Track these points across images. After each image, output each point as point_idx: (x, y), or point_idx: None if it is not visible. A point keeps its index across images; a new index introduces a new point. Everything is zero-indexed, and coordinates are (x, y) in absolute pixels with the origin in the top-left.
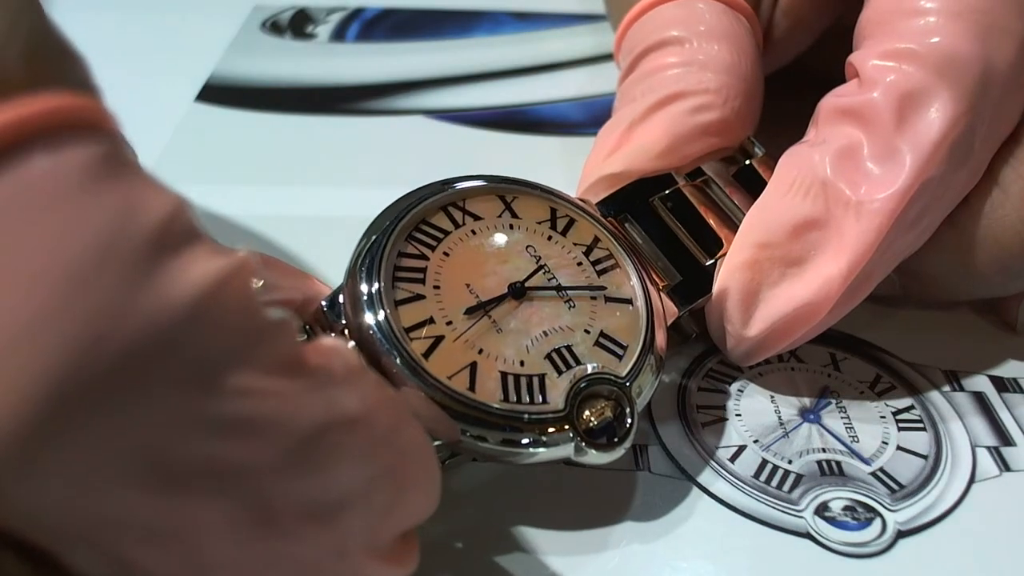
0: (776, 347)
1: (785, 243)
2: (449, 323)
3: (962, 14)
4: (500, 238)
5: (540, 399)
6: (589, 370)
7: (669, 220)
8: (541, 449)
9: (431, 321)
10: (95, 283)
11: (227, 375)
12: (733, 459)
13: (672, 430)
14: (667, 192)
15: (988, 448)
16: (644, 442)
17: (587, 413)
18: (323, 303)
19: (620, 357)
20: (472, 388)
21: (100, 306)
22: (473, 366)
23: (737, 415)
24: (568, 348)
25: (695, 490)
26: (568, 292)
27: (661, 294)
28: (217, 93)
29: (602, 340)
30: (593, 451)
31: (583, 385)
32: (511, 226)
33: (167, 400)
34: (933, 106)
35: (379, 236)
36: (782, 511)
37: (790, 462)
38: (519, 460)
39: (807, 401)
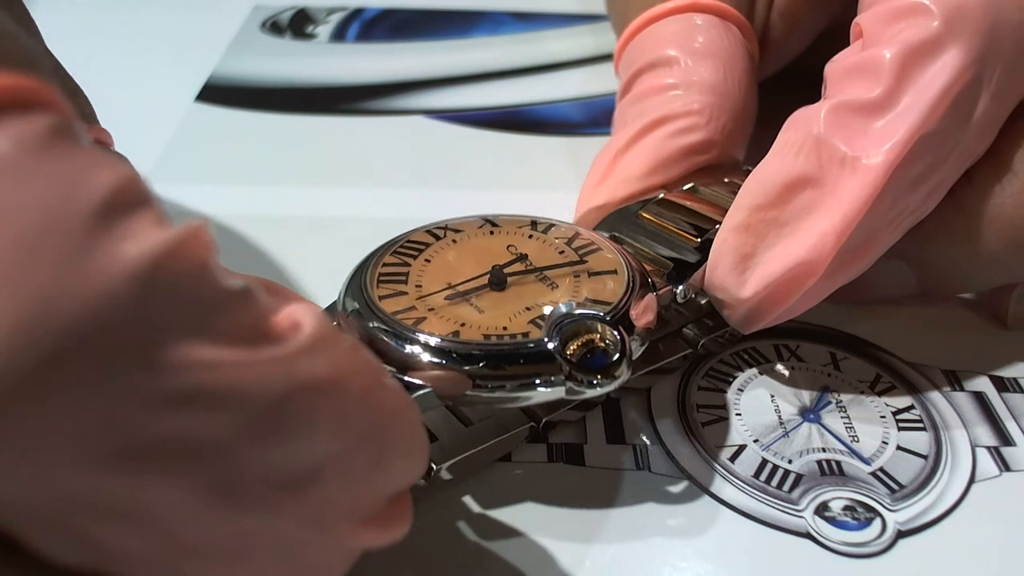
0: (774, 310)
1: (779, 203)
2: (431, 309)
3: None
4: (481, 242)
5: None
6: (564, 310)
7: (657, 222)
8: (536, 389)
9: (412, 308)
10: (38, 258)
11: (179, 347)
12: (733, 459)
13: (672, 430)
14: (652, 200)
15: (988, 448)
16: (644, 442)
17: (573, 345)
18: None
19: (602, 312)
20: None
21: (43, 281)
22: (455, 333)
23: (737, 414)
24: (554, 305)
25: (695, 490)
26: (548, 272)
27: (653, 280)
28: (217, 93)
29: (586, 303)
30: (585, 382)
31: (566, 323)
32: (491, 232)
33: (118, 375)
34: (938, 57)
35: (366, 258)
36: (782, 511)
37: (790, 462)
38: (513, 403)
39: (807, 400)
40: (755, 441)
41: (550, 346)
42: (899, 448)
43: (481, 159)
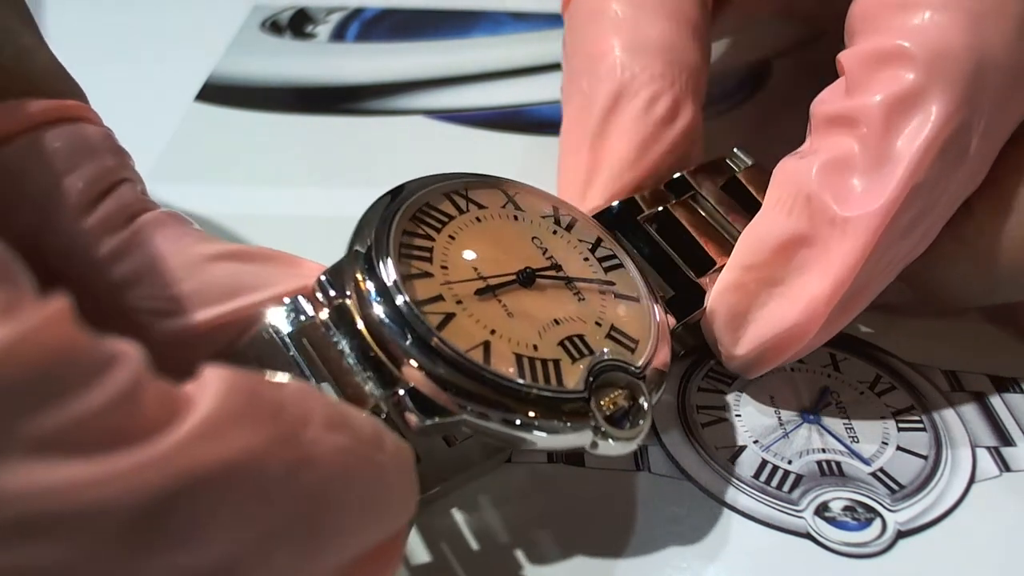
0: (770, 364)
1: (771, 262)
2: (459, 302)
3: (951, 3)
4: (506, 226)
5: (556, 383)
6: (605, 356)
7: (659, 239)
8: (560, 434)
9: (440, 298)
10: None
11: (11, 472)
12: (733, 459)
13: (672, 430)
14: (655, 212)
15: (988, 448)
16: (644, 442)
17: (604, 400)
18: (324, 277)
19: (632, 351)
20: (487, 362)
21: None
22: (487, 344)
23: (737, 415)
24: (580, 338)
25: (695, 490)
26: (577, 284)
27: (660, 305)
28: (217, 93)
29: (613, 333)
30: (611, 438)
31: (600, 371)
32: (515, 217)
33: None
34: (923, 107)
35: (384, 212)
36: (782, 511)
37: (790, 462)
38: (531, 445)
39: (807, 401)
40: (755, 442)
41: (590, 400)
42: (899, 448)
43: (481, 159)
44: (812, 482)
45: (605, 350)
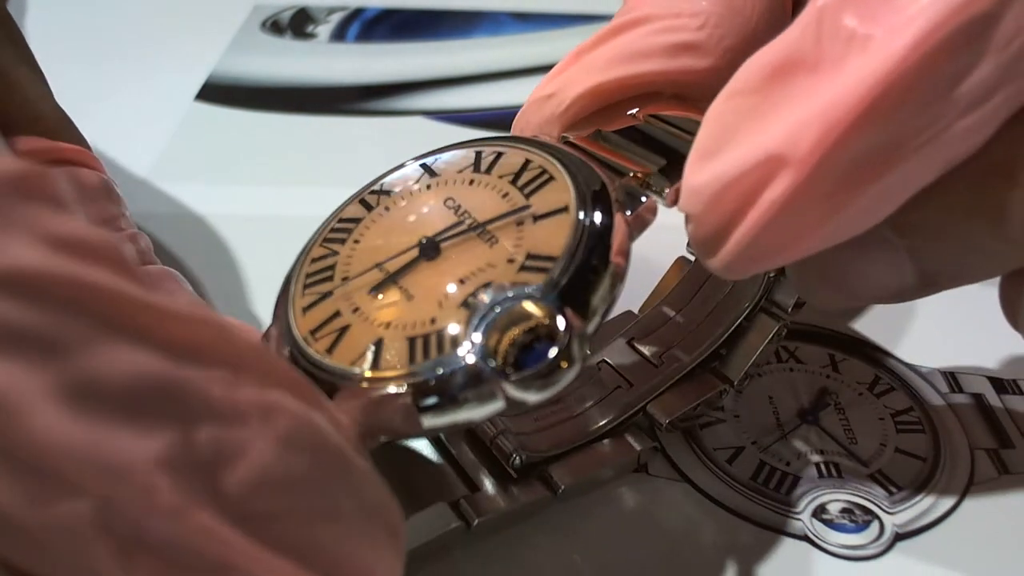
0: (737, 221)
1: (760, 88)
2: (355, 310)
3: None
4: (414, 203)
5: (451, 351)
6: (487, 299)
7: (645, 126)
8: (466, 408)
9: (337, 315)
10: None
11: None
12: (731, 461)
13: (670, 431)
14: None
15: (986, 450)
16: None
17: (502, 347)
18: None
19: (548, 271)
20: (376, 365)
21: None
22: (379, 343)
23: (735, 416)
24: (486, 287)
25: (693, 492)
26: (487, 227)
27: (613, 187)
28: (217, 93)
29: (528, 263)
30: (518, 386)
31: (494, 319)
32: (428, 186)
33: None
34: None
35: (294, 262)
36: (780, 513)
37: (788, 464)
38: (455, 422)
39: (805, 402)
40: (753, 443)
41: (470, 360)
42: (897, 450)
43: None
44: (810, 484)
45: (509, 293)
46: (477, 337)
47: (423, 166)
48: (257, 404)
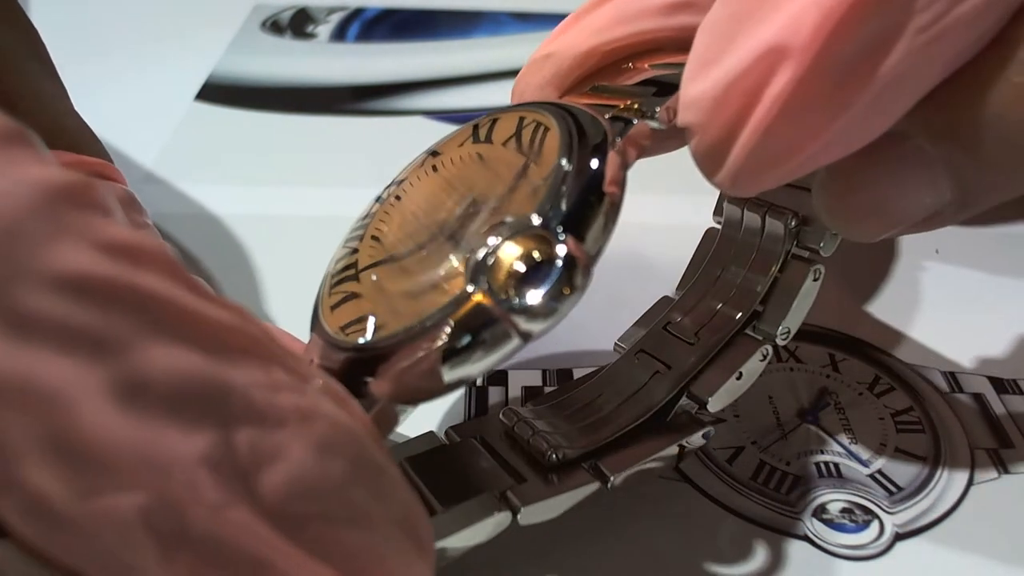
0: (743, 123)
1: None
2: (376, 297)
3: None
4: (425, 188)
5: (462, 296)
6: (491, 243)
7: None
8: (482, 350)
9: (360, 306)
10: None
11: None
12: (731, 460)
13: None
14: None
15: (987, 450)
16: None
17: (500, 278)
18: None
19: (540, 204)
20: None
21: None
22: (394, 313)
23: (735, 416)
24: (490, 229)
25: (692, 492)
26: (497, 201)
27: (623, 119)
28: (217, 92)
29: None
30: (527, 318)
31: (484, 261)
32: (434, 167)
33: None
34: None
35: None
36: (780, 513)
37: (788, 464)
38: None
39: (805, 402)
40: (753, 443)
41: (477, 298)
42: (897, 450)
43: None
44: (810, 483)
45: (506, 229)
46: (482, 280)
47: (428, 151)
48: (296, 408)
